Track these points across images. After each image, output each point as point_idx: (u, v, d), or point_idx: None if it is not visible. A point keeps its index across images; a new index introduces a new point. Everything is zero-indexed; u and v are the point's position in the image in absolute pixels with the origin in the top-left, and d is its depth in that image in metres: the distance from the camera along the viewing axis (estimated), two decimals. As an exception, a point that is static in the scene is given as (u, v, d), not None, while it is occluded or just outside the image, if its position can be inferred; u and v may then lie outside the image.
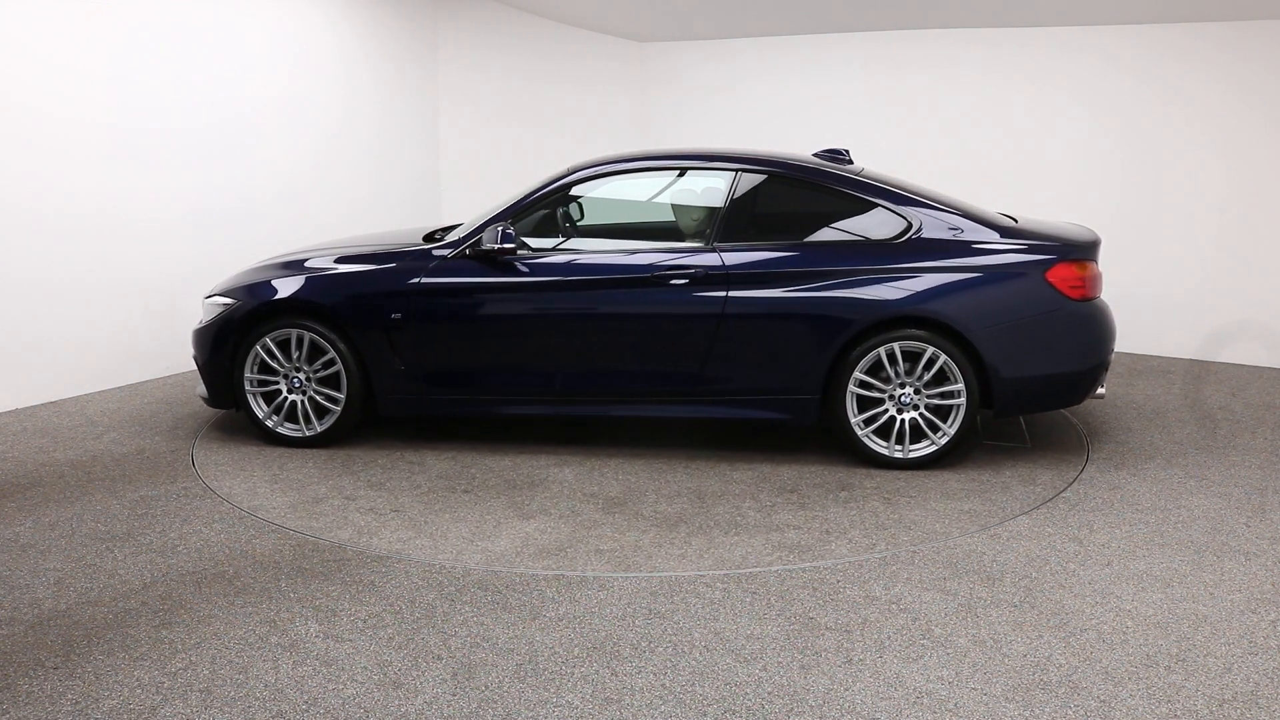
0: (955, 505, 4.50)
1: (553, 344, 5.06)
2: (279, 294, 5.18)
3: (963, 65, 7.99)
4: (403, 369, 5.12)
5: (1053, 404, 5.09)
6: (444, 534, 4.20)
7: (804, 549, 4.01)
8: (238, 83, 6.98)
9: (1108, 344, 5.02)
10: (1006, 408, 4.93)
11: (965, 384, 4.83)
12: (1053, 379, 4.94)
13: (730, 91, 9.06)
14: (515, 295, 5.05)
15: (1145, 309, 7.48)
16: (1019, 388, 4.88)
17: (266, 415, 5.25)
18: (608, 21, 9.01)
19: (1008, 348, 4.83)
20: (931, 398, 4.88)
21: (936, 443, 4.91)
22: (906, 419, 4.91)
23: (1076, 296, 4.87)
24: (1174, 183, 7.39)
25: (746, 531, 4.20)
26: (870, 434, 4.94)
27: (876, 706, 2.92)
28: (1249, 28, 6.99)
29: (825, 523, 4.29)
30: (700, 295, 4.92)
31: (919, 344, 4.82)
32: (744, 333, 4.91)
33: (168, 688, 3.01)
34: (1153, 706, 2.92)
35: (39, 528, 4.22)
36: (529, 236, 5.17)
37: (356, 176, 7.96)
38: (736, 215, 5.07)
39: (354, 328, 5.09)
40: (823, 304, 4.86)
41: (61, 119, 5.98)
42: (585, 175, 5.21)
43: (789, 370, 4.91)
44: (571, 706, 2.92)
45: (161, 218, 6.60)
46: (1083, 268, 4.90)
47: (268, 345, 5.17)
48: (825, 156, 5.39)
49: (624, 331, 5.00)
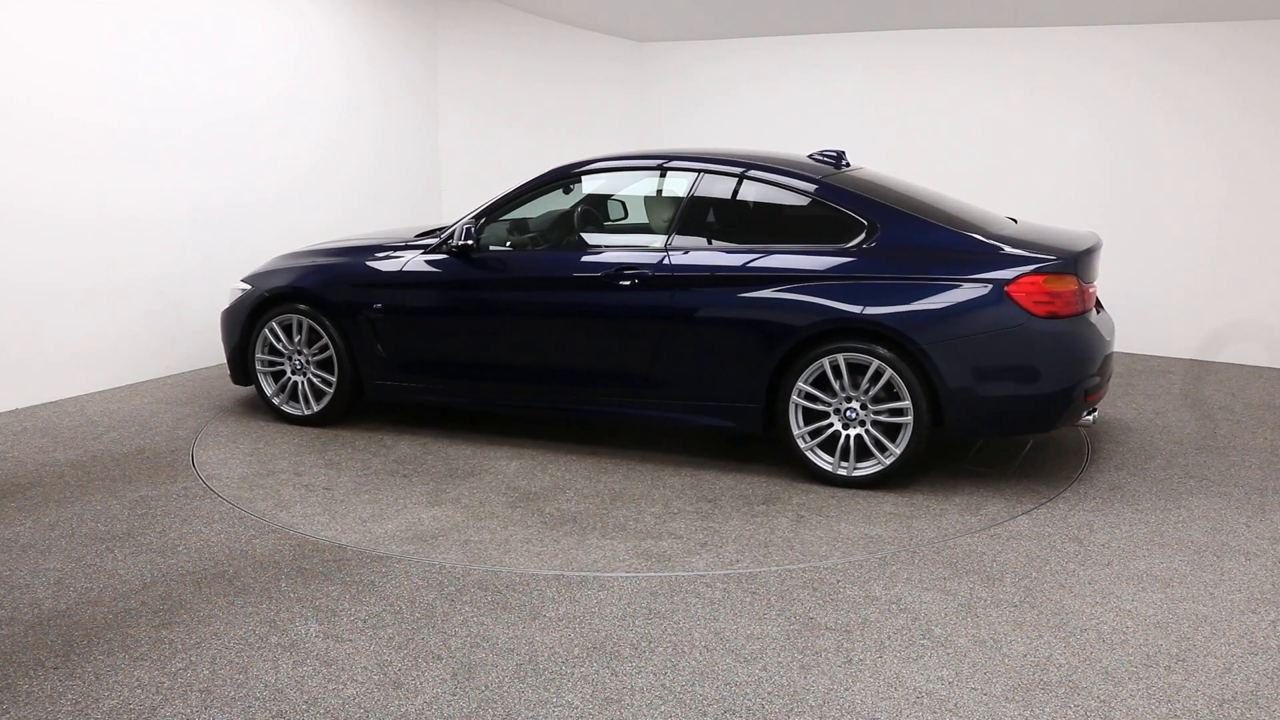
0: (862, 530, 4.19)
1: (511, 340, 5.20)
2: (283, 282, 5.59)
3: (962, 65, 7.99)
4: (384, 356, 5.40)
5: (1014, 429, 4.70)
6: (345, 513, 4.43)
7: (659, 558, 3.94)
8: (238, 83, 6.98)
9: (1082, 367, 4.55)
10: (960, 429, 4.57)
11: (913, 401, 4.50)
12: (1012, 402, 4.53)
13: (730, 91, 9.06)
14: (477, 291, 5.25)
15: (1145, 309, 7.48)
16: (973, 409, 4.51)
17: (274, 394, 5.69)
18: (608, 21, 9.01)
19: (960, 365, 4.45)
20: (879, 414, 4.58)
21: (883, 462, 4.59)
22: (852, 435, 4.63)
23: (1042, 313, 4.43)
24: (1174, 182, 7.39)
25: (621, 536, 4.16)
26: (815, 448, 4.69)
27: (876, 706, 2.92)
28: (1248, 28, 6.99)
29: (709, 535, 4.16)
30: (648, 297, 4.88)
31: (865, 356, 4.54)
32: (689, 336, 4.81)
33: (168, 688, 3.01)
34: (1153, 706, 2.92)
35: (39, 528, 4.22)
36: (509, 235, 5.36)
37: (357, 176, 7.96)
38: (693, 217, 5.03)
39: (343, 316, 5.44)
40: (767, 309, 4.67)
41: (62, 119, 5.97)
42: (559, 176, 5.34)
43: (732, 377, 4.77)
44: (571, 706, 2.92)
45: (162, 218, 6.60)
46: (1055, 281, 4.47)
47: (274, 329, 5.61)
48: (822, 158, 5.24)
49: (576, 330, 5.07)
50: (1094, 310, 4.87)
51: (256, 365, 5.68)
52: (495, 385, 5.27)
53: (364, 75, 7.93)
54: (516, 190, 5.34)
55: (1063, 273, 4.51)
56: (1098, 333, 4.69)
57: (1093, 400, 4.69)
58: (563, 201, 5.56)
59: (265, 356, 5.66)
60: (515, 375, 5.22)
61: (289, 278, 5.59)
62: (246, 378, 5.77)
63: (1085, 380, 4.59)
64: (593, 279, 4.99)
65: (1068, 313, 4.51)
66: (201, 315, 6.93)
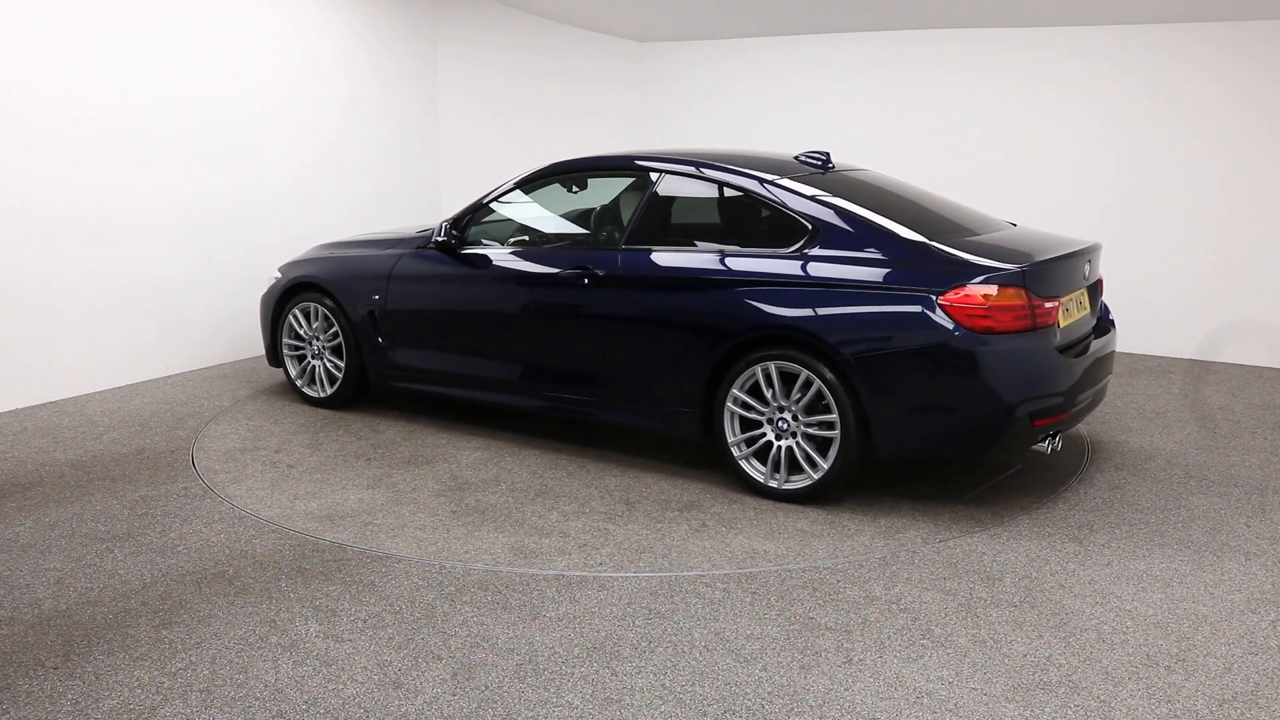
0: (752, 546, 4.04)
1: (481, 335, 5.35)
2: (303, 272, 5.98)
3: (962, 65, 7.99)
4: (385, 346, 5.68)
5: (944, 450, 4.33)
6: (285, 490, 4.69)
7: (526, 554, 3.96)
8: (238, 83, 6.97)
9: (1027, 388, 4.19)
10: (886, 448, 4.30)
11: (841, 414, 4.29)
12: (941, 422, 4.26)
13: (730, 91, 9.06)
14: (453, 286, 5.44)
15: (1145, 309, 7.48)
16: (899, 427, 4.26)
17: (297, 376, 6.10)
18: (608, 21, 9.01)
19: (886, 380, 4.20)
20: (809, 426, 4.39)
21: (812, 477, 4.40)
22: (784, 446, 4.47)
23: (978, 327, 4.12)
24: (1174, 182, 7.38)
25: (511, 532, 4.19)
26: (750, 458, 4.55)
27: (876, 706, 2.92)
28: (1248, 28, 6.99)
29: (595, 537, 4.14)
30: (599, 296, 4.91)
31: (794, 365, 4.38)
32: (631, 338, 4.81)
33: (168, 688, 3.01)
34: (1153, 706, 2.92)
35: (39, 528, 4.22)
36: (490, 233, 5.50)
37: (358, 176, 7.96)
38: (649, 218, 5.02)
39: (351, 306, 5.76)
40: (704, 313, 4.58)
41: (62, 119, 5.97)
42: (537, 175, 5.44)
43: (672, 381, 4.72)
44: (571, 706, 2.92)
45: (163, 218, 6.60)
46: (997, 295, 4.13)
47: (296, 316, 6.02)
48: (807, 160, 5.12)
49: (536, 328, 5.15)
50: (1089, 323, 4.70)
51: (283, 349, 6.11)
52: (468, 378, 5.42)
53: (365, 75, 7.93)
54: (497, 190, 5.50)
55: (1007, 285, 4.16)
56: (1045, 353, 4.26)
57: (1046, 425, 4.29)
58: (539, 202, 5.69)
59: (290, 341, 6.08)
60: (485, 370, 5.35)
61: (309, 268, 5.97)
62: (278, 360, 6.19)
63: (1030, 403, 4.21)
64: (551, 277, 5.07)
65: (1012, 328, 4.15)
66: (202, 315, 6.93)
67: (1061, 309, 4.42)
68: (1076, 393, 4.43)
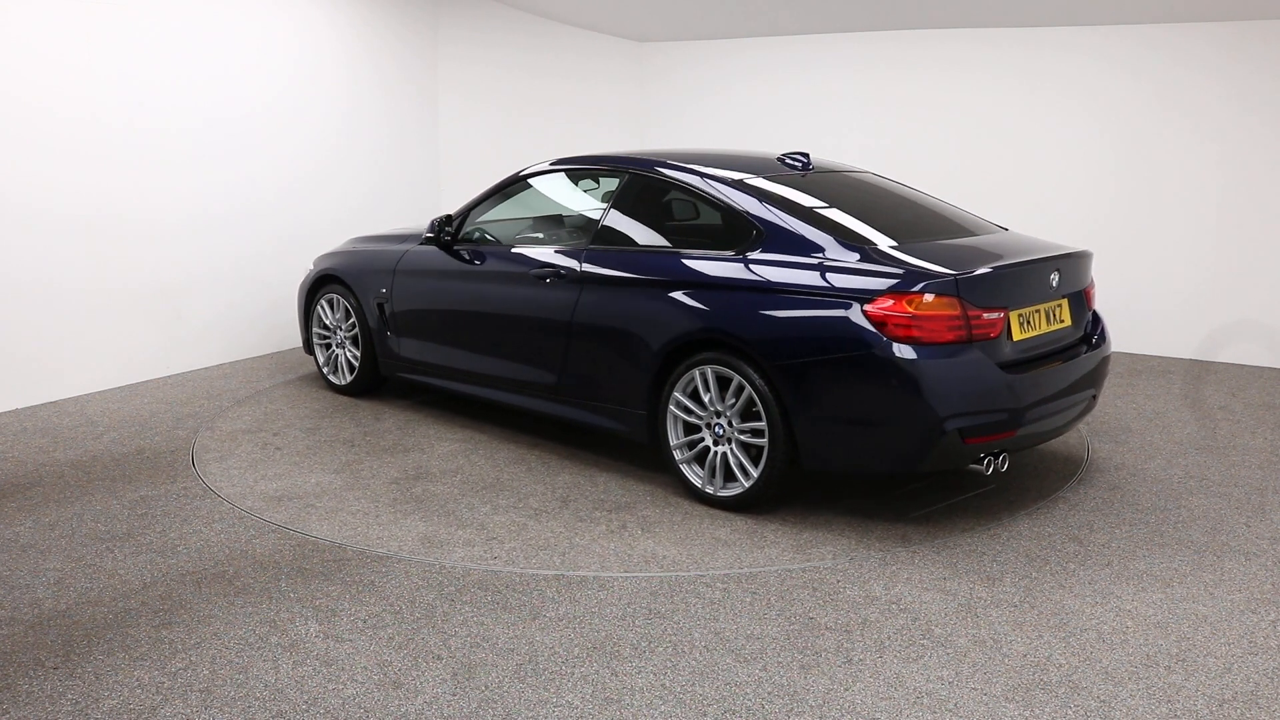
0: (658, 552, 3.98)
1: (465, 330, 5.47)
2: (327, 265, 6.26)
3: (961, 65, 7.99)
4: (390, 336, 5.89)
5: (868, 465, 4.16)
6: (258, 470, 4.91)
7: (434, 545, 4.04)
8: (239, 83, 6.98)
9: (957, 403, 3.94)
10: (812, 459, 4.16)
11: (770, 422, 4.17)
12: (864, 435, 4.09)
13: (729, 91, 9.06)
14: (442, 282, 5.58)
15: (1145, 309, 7.49)
16: (823, 438, 4.12)
17: (324, 363, 6.40)
18: (607, 21, 9.01)
19: (810, 387, 4.06)
20: (742, 433, 4.30)
21: (743, 484, 4.31)
22: (720, 452, 4.39)
23: (903, 337, 3.92)
24: (1173, 182, 7.38)
25: (434, 523, 4.28)
26: (691, 462, 4.49)
27: (876, 706, 2.92)
28: (1248, 28, 6.99)
29: (512, 532, 4.17)
30: (561, 297, 4.95)
31: (728, 370, 4.29)
32: (588, 337, 4.84)
33: (168, 688, 3.01)
34: (1153, 706, 2.92)
35: (39, 528, 4.22)
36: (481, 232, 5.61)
37: (359, 176, 7.96)
38: (615, 218, 5.03)
39: (364, 299, 6.00)
40: (647, 313, 4.56)
41: (63, 119, 5.97)
42: (524, 175, 5.55)
43: (621, 381, 4.71)
44: (571, 706, 2.92)
45: (163, 218, 6.60)
46: (925, 304, 3.93)
47: (324, 306, 6.31)
48: (789, 161, 5.05)
49: (508, 325, 5.24)
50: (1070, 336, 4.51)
51: (315, 338, 6.41)
52: (456, 372, 5.56)
53: (365, 75, 7.93)
54: (488, 191, 5.59)
55: (940, 294, 3.95)
56: (992, 366, 4.04)
57: (979, 444, 4.07)
58: (525, 201, 5.78)
59: (318, 330, 6.39)
60: (469, 364, 5.48)
61: (332, 261, 6.25)
62: (311, 349, 6.50)
63: (960, 419, 3.97)
64: (523, 275, 5.14)
65: (944, 339, 3.94)
66: (202, 315, 6.93)
67: (1018, 321, 4.21)
68: (1028, 411, 4.15)
